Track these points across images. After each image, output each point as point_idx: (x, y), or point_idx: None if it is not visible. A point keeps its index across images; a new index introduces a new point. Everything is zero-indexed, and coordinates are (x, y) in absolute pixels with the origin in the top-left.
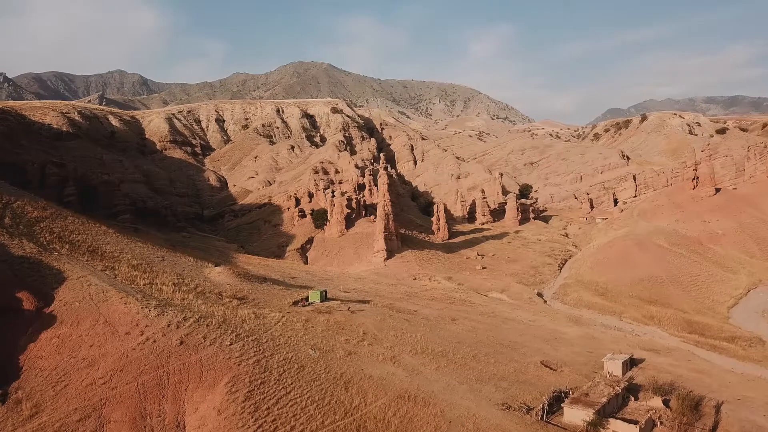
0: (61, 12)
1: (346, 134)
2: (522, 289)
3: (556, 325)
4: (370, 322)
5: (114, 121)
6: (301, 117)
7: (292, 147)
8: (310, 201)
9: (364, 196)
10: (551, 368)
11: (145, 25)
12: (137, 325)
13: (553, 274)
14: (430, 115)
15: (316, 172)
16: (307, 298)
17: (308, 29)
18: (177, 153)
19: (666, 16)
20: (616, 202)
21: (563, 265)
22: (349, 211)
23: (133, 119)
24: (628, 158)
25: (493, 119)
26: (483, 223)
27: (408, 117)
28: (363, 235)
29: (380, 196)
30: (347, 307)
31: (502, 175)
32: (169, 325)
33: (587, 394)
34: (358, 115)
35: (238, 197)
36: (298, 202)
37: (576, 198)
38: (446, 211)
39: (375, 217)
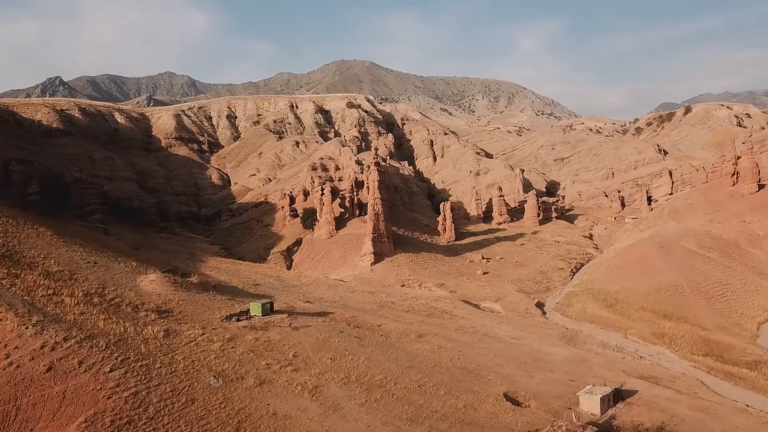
0: (115, 17)
1: (362, 130)
2: (520, 299)
3: (542, 344)
4: (309, 342)
5: (120, 118)
6: (315, 112)
7: (297, 143)
8: (305, 200)
9: (359, 194)
10: (515, 402)
11: (194, 27)
12: (6, 346)
13: (563, 281)
14: (473, 111)
15: (314, 169)
16: (247, 311)
17: (352, 28)
18: (182, 150)
19: (723, 5)
20: (650, 200)
21: (577, 270)
22: (342, 210)
23: (142, 116)
24: (665, 152)
25: (537, 115)
26: (500, 223)
27: (450, 114)
28: (353, 236)
29: (370, 195)
30: (289, 323)
31: (523, 171)
32: (42, 347)
33: None
34: (378, 111)
35: (237, 196)
36: (292, 200)
37: (606, 196)
38: (462, 210)
39: None
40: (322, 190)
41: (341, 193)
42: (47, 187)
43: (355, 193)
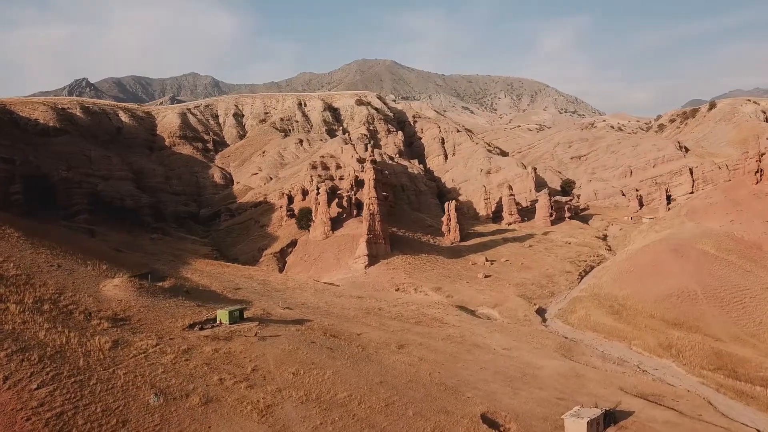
0: (142, 19)
1: (371, 127)
2: (519, 305)
3: (534, 356)
4: (274, 354)
5: (124, 117)
6: (323, 110)
7: (301, 141)
8: (304, 199)
9: (358, 193)
10: (493, 424)
11: (220, 29)
12: None
13: (570, 285)
14: (495, 109)
15: (314, 168)
16: (214, 319)
17: (377, 28)
18: (186, 149)
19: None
20: (669, 199)
21: (586, 273)
22: (340, 210)
23: (148, 115)
24: (686, 149)
25: (560, 113)
26: (510, 223)
27: (472, 112)
28: (349, 237)
29: (365, 194)
30: (255, 333)
31: (535, 169)
32: None
33: None
34: (389, 108)
35: (238, 195)
36: (291, 200)
37: (623, 195)
38: (472, 209)
39: None
40: (318, 189)
41: (339, 192)
42: (33, 187)
43: (353, 193)
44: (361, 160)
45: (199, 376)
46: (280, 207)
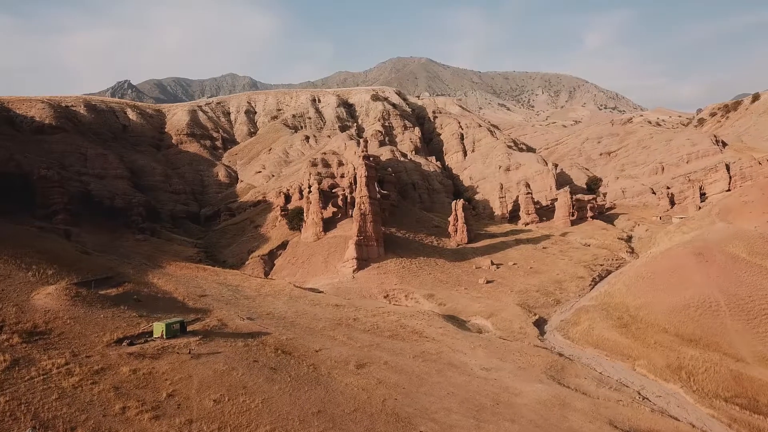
0: (183, 22)
1: (386, 124)
2: (516, 315)
3: (516, 379)
4: (202, 376)
5: (132, 115)
6: (338, 106)
7: (307, 138)
8: (301, 198)
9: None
10: None
11: (259, 30)
12: None
13: (579, 292)
14: (532, 106)
15: (314, 165)
16: (150, 333)
17: (415, 26)
18: (192, 147)
19: None
20: (704, 197)
21: (601, 279)
22: (335, 210)
23: (158, 112)
24: (724, 144)
25: (600, 109)
26: (527, 224)
27: (508, 109)
28: (341, 239)
29: (357, 192)
30: (189, 349)
31: (556, 165)
32: None
33: None
34: (408, 104)
35: (240, 194)
36: (288, 199)
37: (654, 193)
38: (488, 208)
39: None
40: (309, 187)
41: (334, 191)
42: (14, 186)
43: (349, 191)
44: (367, 157)
45: (99, 403)
46: (277, 206)
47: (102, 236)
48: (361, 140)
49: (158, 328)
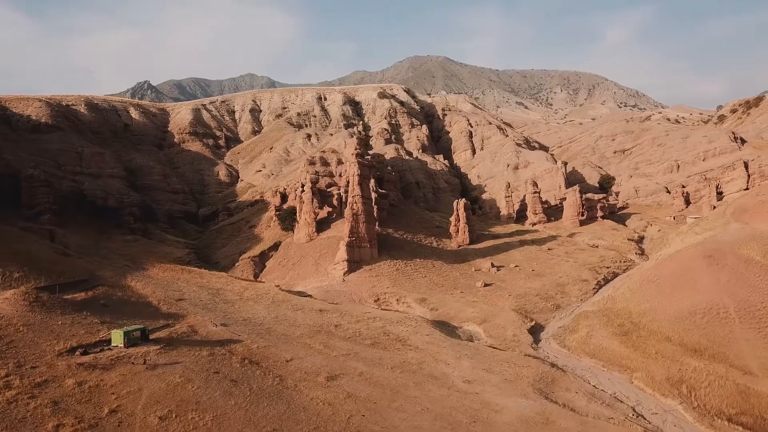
0: (201, 23)
1: (392, 122)
2: (511, 321)
3: (499, 393)
4: (153, 389)
5: (135, 114)
6: (343, 104)
7: (309, 136)
8: (296, 198)
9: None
10: None
11: (277, 31)
12: None
13: (582, 297)
14: (551, 104)
15: (312, 163)
16: (108, 342)
17: (433, 25)
18: (195, 146)
19: None
20: (720, 196)
21: (607, 282)
22: (330, 210)
23: (162, 111)
24: (743, 141)
25: (619, 107)
26: (534, 224)
27: (526, 107)
28: (334, 240)
29: (349, 192)
30: (144, 360)
31: (566, 164)
32: None
33: None
34: (417, 101)
35: (240, 194)
36: (284, 198)
37: (668, 192)
38: (495, 208)
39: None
40: (303, 186)
41: (330, 190)
42: (1, 186)
43: (345, 191)
44: (365, 156)
45: (32, 420)
46: (273, 206)
47: (90, 237)
48: (355, 137)
49: (116, 336)
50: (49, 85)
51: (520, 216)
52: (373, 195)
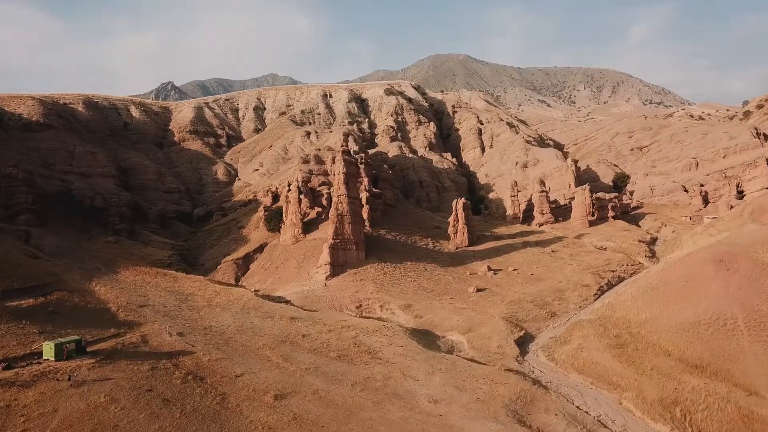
0: (225, 24)
1: (399, 119)
2: (497, 331)
3: (466, 416)
4: (70, 410)
5: (135, 113)
6: (349, 101)
7: (308, 133)
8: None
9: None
10: None
11: (299, 31)
12: None
13: (581, 303)
14: (574, 102)
15: (306, 162)
16: (39, 354)
17: (455, 23)
18: (195, 144)
19: None
20: (741, 195)
21: (610, 287)
22: (320, 209)
23: (164, 110)
24: (766, 137)
25: (644, 104)
26: (541, 224)
27: (548, 105)
28: (320, 242)
29: (334, 191)
30: (69, 376)
31: (576, 161)
32: None
33: None
34: (426, 98)
35: (236, 193)
36: (276, 198)
37: (686, 191)
38: (502, 208)
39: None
40: (289, 185)
41: (320, 189)
42: None
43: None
44: (354, 153)
45: None
46: (263, 206)
47: (70, 238)
48: (342, 135)
49: (47, 348)
50: (72, 87)
51: (527, 216)
52: (365, 194)
